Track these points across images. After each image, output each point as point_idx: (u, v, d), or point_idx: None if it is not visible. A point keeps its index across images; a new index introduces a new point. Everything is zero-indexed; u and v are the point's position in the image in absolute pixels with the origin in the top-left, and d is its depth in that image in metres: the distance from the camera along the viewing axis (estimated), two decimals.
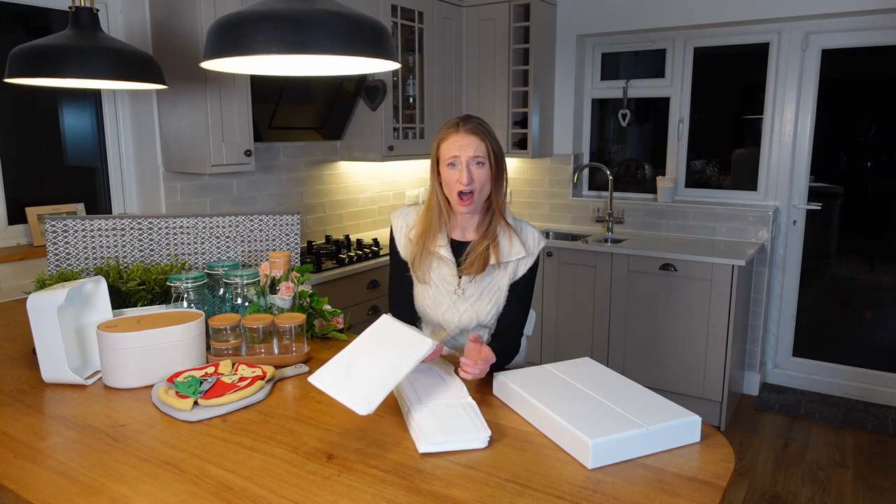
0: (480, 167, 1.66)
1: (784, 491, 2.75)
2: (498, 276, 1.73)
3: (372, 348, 1.36)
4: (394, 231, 1.81)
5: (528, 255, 1.73)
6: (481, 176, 1.66)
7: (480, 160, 1.65)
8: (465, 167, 1.64)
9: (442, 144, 1.69)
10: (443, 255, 1.73)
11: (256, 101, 2.76)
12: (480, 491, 1.06)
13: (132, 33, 2.71)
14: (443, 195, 1.72)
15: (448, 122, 1.71)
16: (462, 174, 1.64)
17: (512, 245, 1.71)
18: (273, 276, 1.74)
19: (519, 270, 1.73)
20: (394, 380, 1.26)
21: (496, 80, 3.86)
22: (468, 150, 1.64)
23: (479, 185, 1.66)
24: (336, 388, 1.26)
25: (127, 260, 1.87)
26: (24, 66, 1.72)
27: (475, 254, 1.70)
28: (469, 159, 1.64)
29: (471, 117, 1.69)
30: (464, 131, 1.65)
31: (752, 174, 3.76)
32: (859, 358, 3.62)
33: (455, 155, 1.65)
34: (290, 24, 1.19)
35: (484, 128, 1.68)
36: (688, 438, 1.21)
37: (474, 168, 1.65)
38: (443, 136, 1.69)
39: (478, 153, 1.65)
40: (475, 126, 1.67)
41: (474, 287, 1.73)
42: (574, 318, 3.62)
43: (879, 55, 3.40)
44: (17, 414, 1.35)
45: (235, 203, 3.09)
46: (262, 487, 1.07)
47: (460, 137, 1.65)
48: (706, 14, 3.54)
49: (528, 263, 1.74)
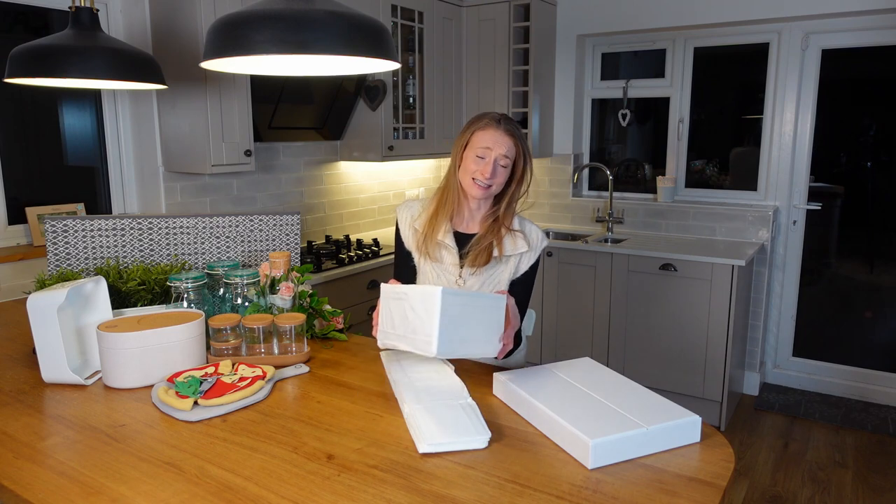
0: (503, 169, 1.70)
1: (784, 491, 2.75)
2: (500, 270, 1.74)
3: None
4: (399, 222, 1.84)
5: (531, 249, 1.74)
6: (502, 176, 1.70)
7: (507, 162, 1.69)
8: (492, 162, 1.67)
9: (477, 133, 1.70)
10: (447, 243, 1.75)
11: (256, 101, 2.76)
12: (480, 491, 1.06)
13: (132, 33, 2.71)
14: (457, 180, 1.74)
15: (487, 113, 1.73)
16: (487, 168, 1.67)
17: (515, 241, 1.74)
18: (273, 276, 1.74)
19: (521, 266, 1.75)
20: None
21: (496, 80, 3.86)
22: (501, 147, 1.67)
23: (497, 183, 1.70)
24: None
25: (127, 260, 1.87)
26: (24, 66, 1.72)
27: (479, 247, 1.72)
28: (498, 157, 1.67)
29: (509, 118, 1.73)
30: (503, 130, 1.68)
31: (751, 174, 3.76)
32: (859, 358, 3.62)
33: (488, 147, 1.67)
34: (290, 24, 1.19)
35: (520, 133, 1.72)
36: (688, 438, 1.21)
37: (499, 167, 1.69)
38: (481, 125, 1.70)
39: (508, 154, 1.68)
40: (514, 128, 1.70)
41: (475, 280, 1.74)
42: (574, 318, 3.62)
43: (879, 55, 3.40)
44: (17, 414, 1.35)
45: (235, 203, 3.08)
46: (262, 487, 1.07)
47: (499, 134, 1.68)
48: (706, 14, 3.54)
49: (530, 260, 1.75)
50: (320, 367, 1.61)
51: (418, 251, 1.78)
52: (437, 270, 1.76)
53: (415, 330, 1.30)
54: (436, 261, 1.76)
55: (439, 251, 1.75)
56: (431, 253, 1.75)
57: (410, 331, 1.31)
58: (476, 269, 1.72)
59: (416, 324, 1.30)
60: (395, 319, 1.37)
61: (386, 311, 1.41)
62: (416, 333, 1.30)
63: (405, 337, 1.33)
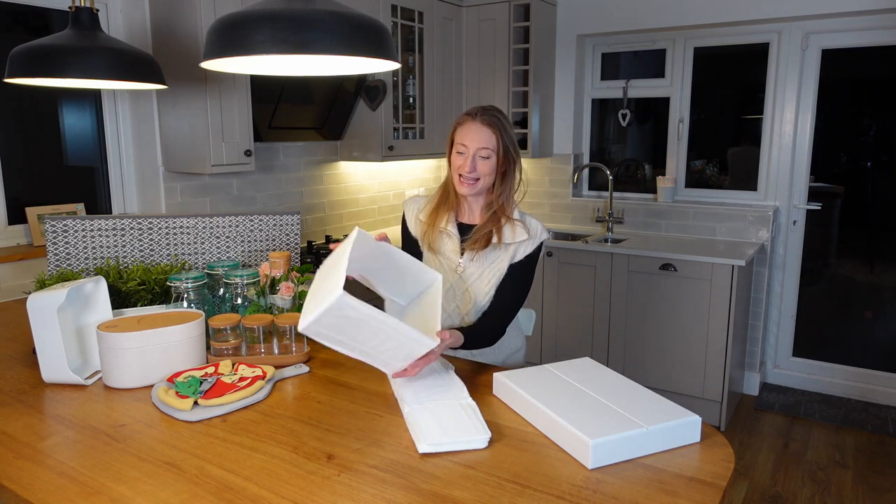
0: (485, 161, 1.70)
1: (784, 491, 2.75)
2: (499, 257, 1.76)
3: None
4: (406, 215, 1.89)
5: (531, 238, 1.75)
6: (485, 168, 1.70)
7: (487, 154, 1.69)
8: (470, 157, 1.69)
9: (457, 130, 1.73)
10: (449, 230, 1.79)
11: (256, 101, 2.76)
12: (480, 491, 1.06)
13: (132, 33, 2.71)
14: (450, 177, 1.79)
15: (470, 108, 1.76)
16: (466, 162, 1.69)
17: (515, 230, 1.76)
18: (273, 276, 1.74)
19: (518, 253, 1.75)
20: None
21: (496, 80, 3.86)
22: (478, 141, 1.68)
23: (482, 175, 1.71)
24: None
25: (127, 260, 1.87)
26: (24, 66, 1.72)
27: (478, 234, 1.75)
28: (476, 150, 1.69)
29: (490, 109, 1.73)
30: (479, 122, 1.70)
31: (751, 174, 3.76)
32: (859, 358, 3.62)
33: (464, 144, 1.70)
34: (290, 24, 1.19)
35: (500, 122, 1.71)
36: (688, 438, 1.21)
37: (479, 160, 1.69)
38: (460, 121, 1.73)
39: (486, 146, 1.69)
40: (491, 118, 1.70)
41: (475, 266, 1.76)
42: (574, 318, 3.62)
43: (879, 55, 3.40)
44: (17, 414, 1.35)
45: (235, 203, 3.08)
46: (262, 487, 1.07)
47: (475, 127, 1.69)
48: (706, 14, 3.54)
49: (528, 249, 1.75)
50: (320, 367, 1.61)
51: (422, 242, 1.83)
52: (439, 259, 1.80)
53: (316, 298, 1.31)
54: (438, 252, 1.80)
55: (442, 240, 1.79)
56: (433, 244, 1.79)
57: (317, 294, 1.33)
58: (475, 254, 1.75)
59: (319, 295, 1.31)
60: (320, 280, 1.39)
61: (324, 268, 1.45)
62: (312, 302, 1.32)
63: (313, 294, 1.35)
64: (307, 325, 1.26)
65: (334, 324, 1.27)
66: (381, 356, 1.37)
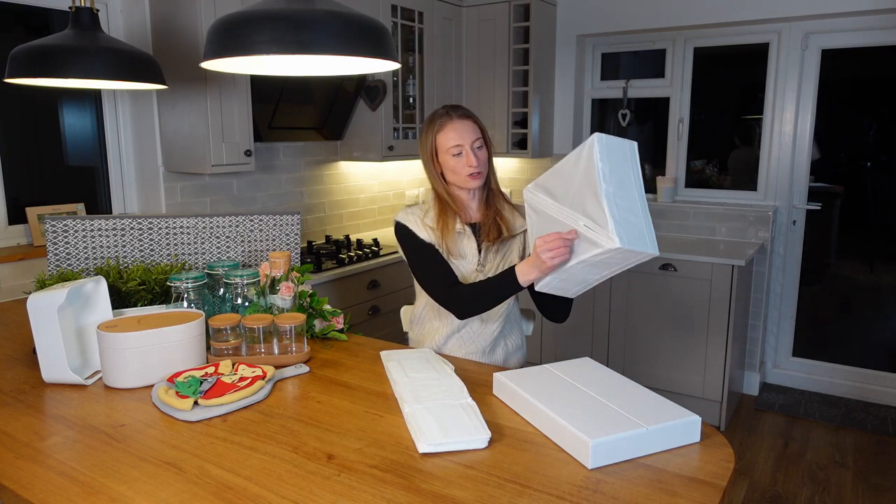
0: (481, 150, 1.75)
1: (784, 491, 2.75)
2: (512, 248, 1.81)
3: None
4: (410, 227, 1.79)
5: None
6: (483, 156, 1.75)
7: (480, 144, 1.74)
8: (470, 152, 1.71)
9: (440, 135, 1.73)
10: (465, 230, 1.80)
11: (256, 101, 2.76)
12: (480, 491, 1.06)
13: (132, 33, 2.71)
14: (444, 186, 1.78)
15: (435, 113, 1.76)
16: (470, 158, 1.71)
17: (514, 217, 1.81)
18: (273, 276, 1.74)
19: (528, 246, 1.76)
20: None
21: (496, 80, 3.87)
22: (468, 136, 1.72)
23: (483, 164, 1.75)
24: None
25: (127, 260, 1.87)
26: (25, 66, 1.72)
27: (486, 226, 1.79)
28: (471, 144, 1.72)
29: (457, 105, 1.78)
30: (458, 118, 1.72)
31: (751, 174, 3.76)
32: (859, 358, 3.62)
33: (458, 143, 1.71)
34: (290, 24, 1.19)
35: (472, 113, 1.77)
36: (688, 438, 1.21)
37: (477, 152, 1.73)
38: (438, 126, 1.73)
39: (477, 136, 1.73)
40: (465, 112, 1.75)
41: (493, 259, 1.80)
42: (574, 318, 3.62)
43: (879, 55, 3.40)
44: (17, 414, 1.35)
45: (235, 203, 3.09)
46: (262, 487, 1.07)
47: (459, 124, 1.72)
48: (706, 14, 3.55)
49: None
50: (320, 367, 1.61)
51: (440, 247, 1.77)
52: (460, 262, 1.80)
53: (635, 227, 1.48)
54: (459, 256, 1.79)
55: (460, 242, 1.79)
56: (452, 248, 1.78)
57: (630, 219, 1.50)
58: (493, 245, 1.79)
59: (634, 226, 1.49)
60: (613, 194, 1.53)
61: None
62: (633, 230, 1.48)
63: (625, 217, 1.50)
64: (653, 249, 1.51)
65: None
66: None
